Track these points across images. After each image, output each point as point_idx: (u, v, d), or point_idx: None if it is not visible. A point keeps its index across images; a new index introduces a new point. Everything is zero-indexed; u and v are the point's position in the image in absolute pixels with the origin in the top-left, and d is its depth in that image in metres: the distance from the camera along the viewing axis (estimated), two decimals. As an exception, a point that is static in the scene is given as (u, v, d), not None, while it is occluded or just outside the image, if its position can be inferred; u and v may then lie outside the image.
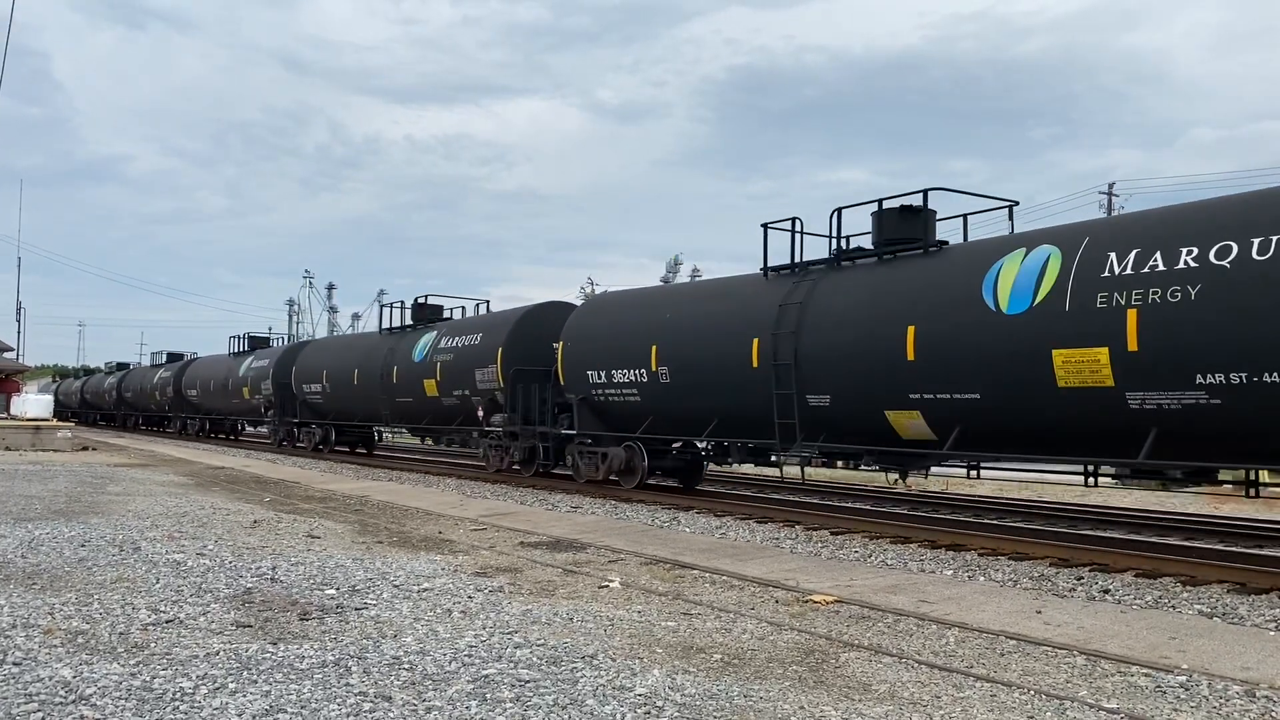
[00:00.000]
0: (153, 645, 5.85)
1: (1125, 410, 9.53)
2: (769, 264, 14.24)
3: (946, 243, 12.42)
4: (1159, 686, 5.44)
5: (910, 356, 11.32)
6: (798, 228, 13.88)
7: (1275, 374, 8.46)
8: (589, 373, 16.63)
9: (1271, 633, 6.95)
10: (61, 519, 11.82)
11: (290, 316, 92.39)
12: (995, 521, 13.56)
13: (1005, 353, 10.37)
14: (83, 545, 9.65)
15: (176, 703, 4.74)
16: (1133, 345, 9.28)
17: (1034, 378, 10.11)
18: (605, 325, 16.73)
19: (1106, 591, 8.53)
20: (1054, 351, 9.92)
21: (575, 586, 8.22)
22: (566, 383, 17.26)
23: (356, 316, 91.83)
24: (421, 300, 24.73)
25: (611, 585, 8.27)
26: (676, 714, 4.77)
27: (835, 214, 13.33)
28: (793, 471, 15.20)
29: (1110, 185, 44.57)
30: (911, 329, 11.32)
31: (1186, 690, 5.38)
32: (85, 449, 29.32)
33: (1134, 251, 9.53)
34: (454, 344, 21.11)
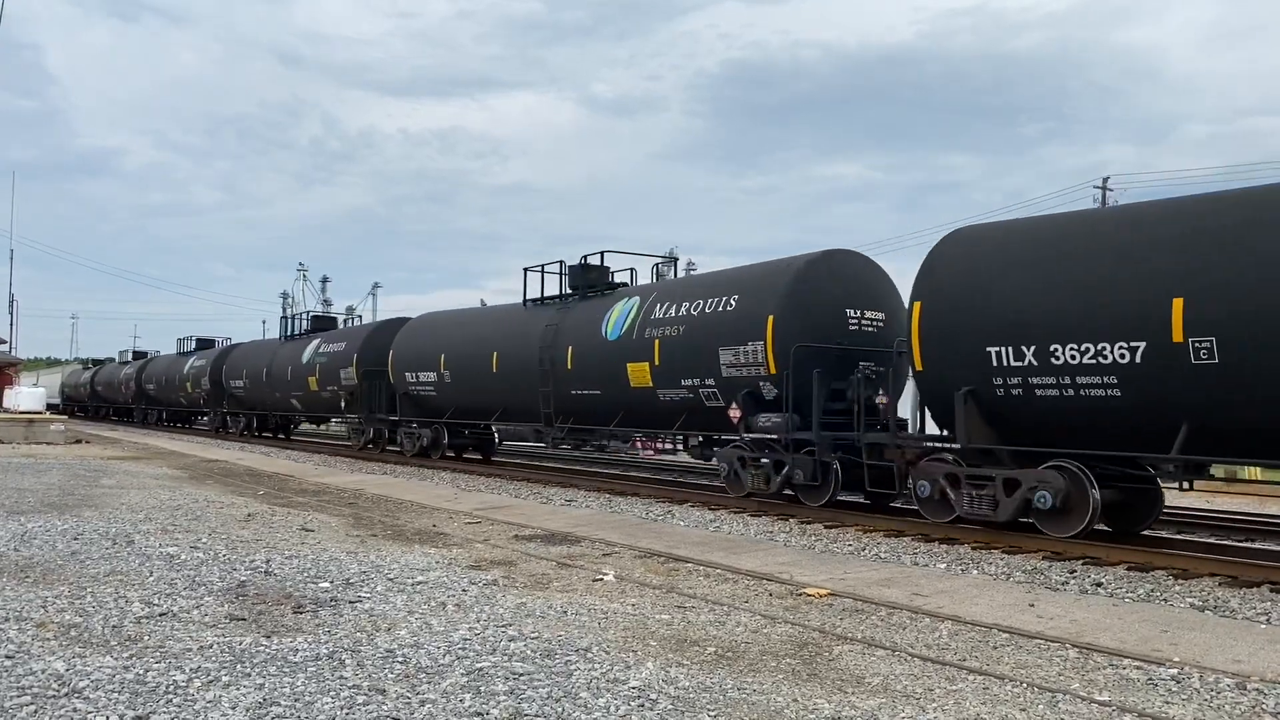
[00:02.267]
0: (146, 639, 5.84)
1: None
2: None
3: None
4: (1151, 679, 5.46)
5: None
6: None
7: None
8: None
9: (1263, 626, 6.98)
10: (54, 512, 11.79)
11: (284, 310, 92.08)
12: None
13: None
14: (76, 539, 9.63)
15: (170, 696, 4.74)
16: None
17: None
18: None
19: (1099, 585, 8.56)
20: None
21: (569, 580, 8.22)
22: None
23: (351, 309, 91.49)
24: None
25: (605, 578, 8.27)
26: (670, 707, 4.77)
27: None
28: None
29: (1105, 180, 44.55)
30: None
31: (1178, 683, 5.40)
32: (79, 442, 29.25)
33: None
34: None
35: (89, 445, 28.30)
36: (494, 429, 22.37)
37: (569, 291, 19.06)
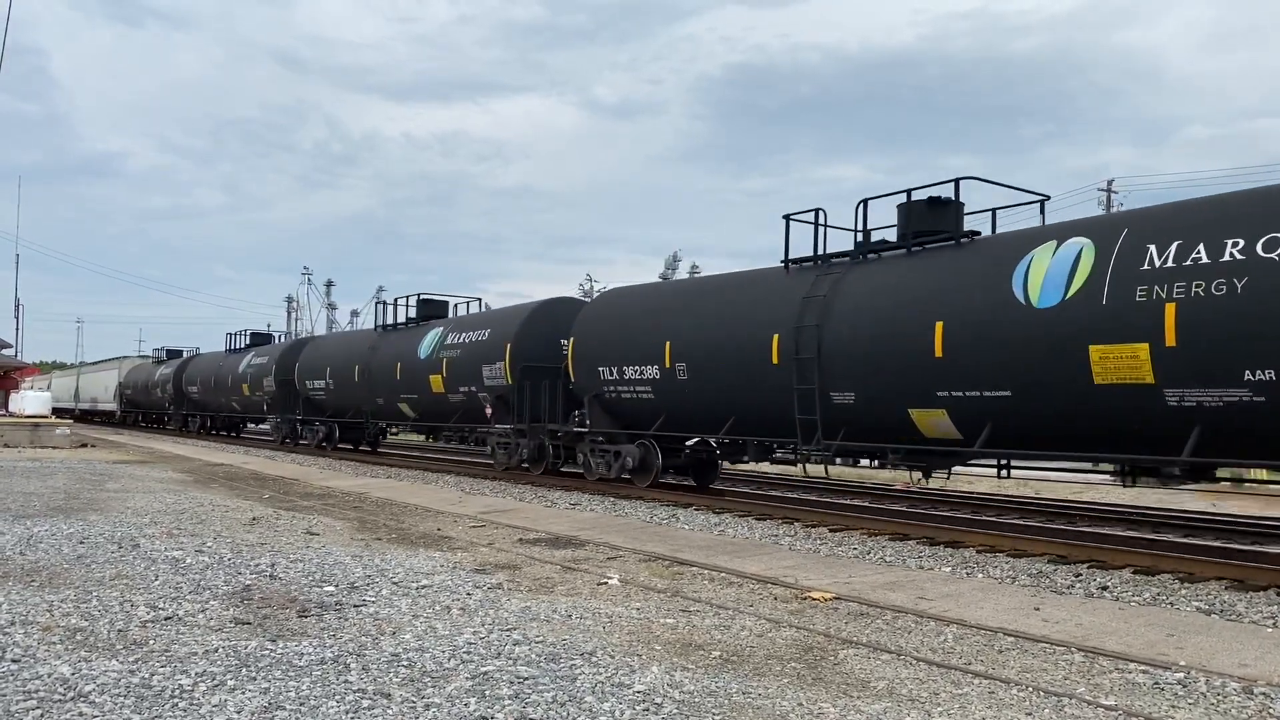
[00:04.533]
0: (151, 642, 5.85)
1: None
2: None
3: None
4: (1157, 683, 5.45)
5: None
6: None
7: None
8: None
9: (1269, 629, 6.96)
10: (60, 516, 11.81)
11: (289, 313, 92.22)
12: (993, 518, 13.58)
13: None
14: (81, 542, 9.65)
15: (175, 700, 4.74)
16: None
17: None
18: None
19: (1104, 588, 8.54)
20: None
21: (574, 583, 8.22)
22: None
23: (355, 313, 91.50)
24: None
25: (610, 582, 8.27)
26: (675, 711, 4.77)
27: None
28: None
29: (1109, 182, 44.50)
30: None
31: (1184, 687, 5.38)
32: (84, 446, 29.31)
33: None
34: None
35: (94, 449, 28.36)
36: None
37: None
